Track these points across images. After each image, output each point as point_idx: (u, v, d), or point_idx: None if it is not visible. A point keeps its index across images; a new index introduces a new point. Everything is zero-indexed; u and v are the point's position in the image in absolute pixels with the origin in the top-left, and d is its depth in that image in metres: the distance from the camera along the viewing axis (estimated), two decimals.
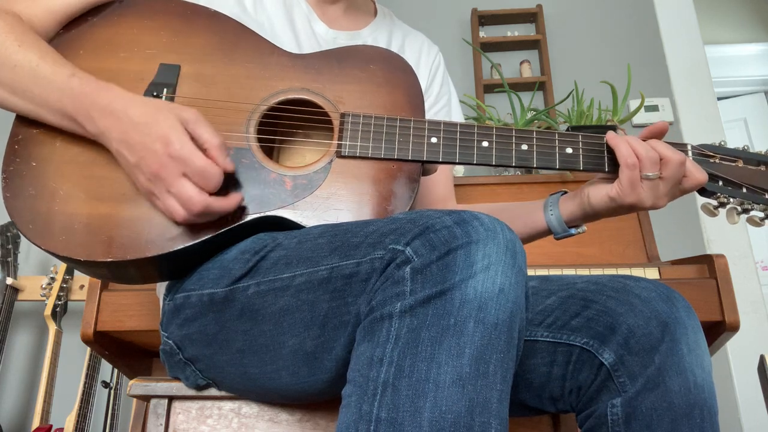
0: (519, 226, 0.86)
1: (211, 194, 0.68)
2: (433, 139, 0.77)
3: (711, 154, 0.80)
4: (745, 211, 0.79)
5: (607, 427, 0.66)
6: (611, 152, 0.78)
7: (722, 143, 0.81)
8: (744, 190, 0.78)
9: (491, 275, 0.52)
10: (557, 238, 0.85)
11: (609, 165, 0.78)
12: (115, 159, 0.74)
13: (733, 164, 0.79)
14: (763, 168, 0.79)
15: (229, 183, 0.74)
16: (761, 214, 0.79)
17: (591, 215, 0.81)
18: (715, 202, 0.80)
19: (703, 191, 0.79)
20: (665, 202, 0.76)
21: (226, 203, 0.70)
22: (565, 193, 0.85)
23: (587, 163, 0.78)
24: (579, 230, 0.84)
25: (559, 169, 0.79)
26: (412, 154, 0.77)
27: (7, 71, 0.73)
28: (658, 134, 0.79)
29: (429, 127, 0.78)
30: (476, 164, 0.78)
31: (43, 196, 0.72)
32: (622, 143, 0.75)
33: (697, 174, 0.76)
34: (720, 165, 0.79)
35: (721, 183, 0.79)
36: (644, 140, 0.77)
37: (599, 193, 0.78)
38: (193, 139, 0.68)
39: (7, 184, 0.72)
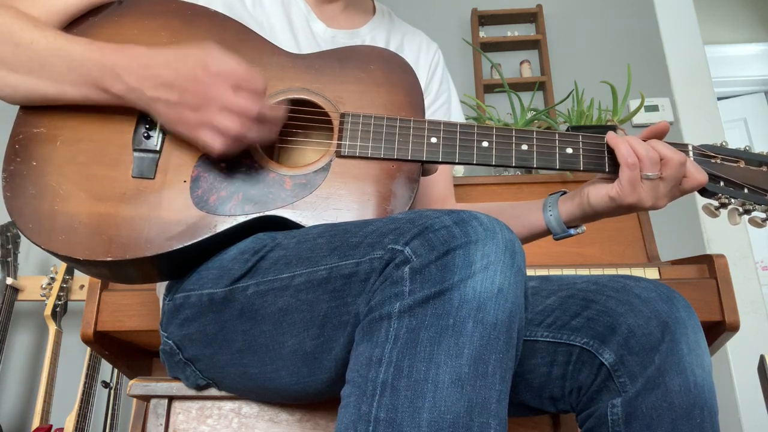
0: (517, 227, 0.86)
1: None
2: (433, 139, 0.77)
3: (712, 154, 0.80)
4: (747, 212, 0.79)
5: (608, 427, 0.66)
6: (612, 152, 0.77)
7: (723, 144, 0.81)
8: (745, 190, 0.78)
9: (490, 275, 0.52)
10: (556, 239, 0.85)
11: (609, 165, 0.78)
12: (115, 158, 0.74)
13: (735, 165, 0.79)
14: (764, 169, 0.79)
15: (229, 182, 0.74)
16: (763, 215, 0.79)
17: (590, 215, 0.81)
18: (716, 203, 0.80)
19: (704, 192, 0.79)
20: (665, 203, 0.76)
21: (277, 111, 0.72)
22: (564, 193, 0.85)
23: (587, 164, 0.78)
24: (578, 231, 0.84)
25: (559, 170, 0.79)
26: (412, 154, 0.77)
27: (23, 49, 0.72)
28: (659, 134, 0.79)
29: (429, 127, 0.78)
30: (476, 164, 0.78)
31: (44, 195, 0.72)
32: (622, 143, 0.75)
33: (698, 174, 0.76)
34: (721, 165, 0.79)
35: (722, 183, 0.79)
36: (644, 140, 0.77)
37: (599, 192, 0.78)
38: None
39: (7, 183, 0.72)
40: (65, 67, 0.72)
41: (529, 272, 1.13)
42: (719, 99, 2.46)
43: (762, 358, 1.39)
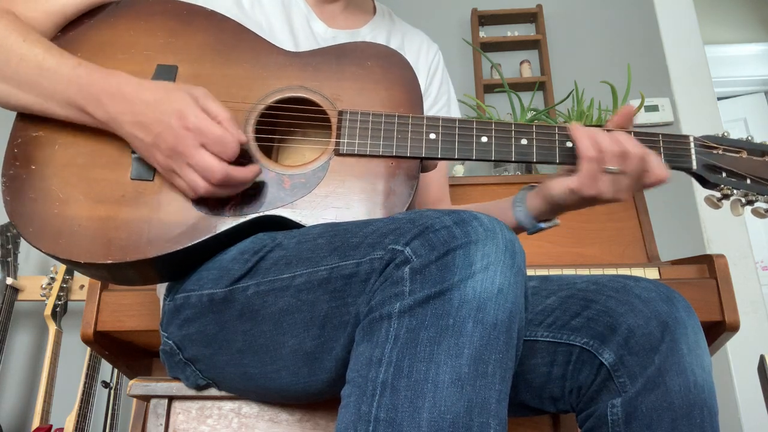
0: None
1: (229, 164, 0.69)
2: (432, 135, 0.77)
3: (714, 145, 0.79)
4: (750, 202, 0.78)
5: (608, 427, 0.66)
6: None
7: (725, 134, 0.80)
8: (748, 181, 0.77)
9: (490, 275, 0.52)
10: (529, 233, 0.85)
11: None
12: (114, 160, 0.74)
13: (737, 155, 0.78)
14: (767, 159, 0.78)
15: None
16: (766, 206, 0.77)
17: (555, 208, 0.80)
18: (718, 194, 0.79)
19: (706, 183, 0.78)
20: (626, 196, 0.75)
21: (245, 172, 0.70)
22: (534, 187, 0.84)
23: None
24: (549, 224, 0.83)
25: (559, 164, 0.78)
26: (411, 151, 0.77)
27: (13, 65, 0.73)
28: (626, 119, 0.78)
29: (427, 124, 0.78)
30: (475, 160, 0.78)
31: (43, 199, 0.72)
32: (583, 136, 0.74)
33: (659, 171, 0.74)
34: (723, 156, 0.78)
35: (724, 174, 0.78)
36: (612, 129, 0.76)
37: (560, 185, 0.77)
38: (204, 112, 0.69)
39: (7, 188, 0.72)
40: (51, 89, 0.72)
41: (529, 272, 1.13)
42: (719, 99, 2.46)
43: (762, 358, 1.38)
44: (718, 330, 1.11)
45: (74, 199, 0.72)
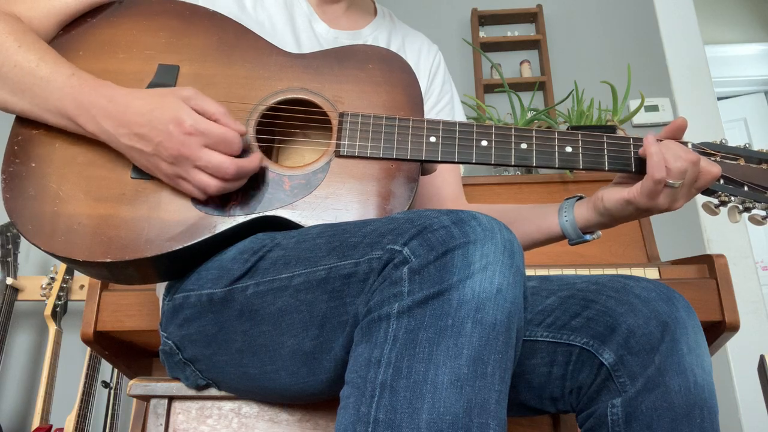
0: (532, 230, 0.85)
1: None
2: (432, 139, 0.77)
3: (712, 152, 0.79)
4: (747, 209, 0.79)
5: (607, 427, 0.66)
6: (611, 150, 0.77)
7: (723, 141, 0.81)
8: (745, 188, 0.78)
9: (489, 275, 0.52)
10: (571, 244, 0.84)
11: (609, 163, 0.78)
12: (114, 159, 0.74)
13: (735, 162, 0.79)
14: (764, 166, 0.79)
15: None
16: (763, 213, 0.78)
17: (608, 220, 0.80)
18: (716, 201, 0.80)
19: (704, 189, 0.79)
20: (681, 204, 0.76)
21: (251, 161, 0.71)
22: (581, 198, 0.84)
23: (587, 162, 0.78)
24: (594, 236, 0.83)
25: (558, 168, 0.79)
26: (411, 154, 0.77)
27: (6, 72, 0.73)
28: (679, 132, 0.78)
29: (428, 127, 0.78)
30: (475, 163, 0.78)
31: (43, 196, 0.72)
32: (655, 154, 0.73)
33: (711, 168, 0.75)
34: (721, 163, 0.79)
35: (722, 181, 0.78)
36: (662, 139, 0.76)
37: (614, 196, 0.77)
38: (199, 113, 0.69)
39: (6, 185, 0.72)
40: (44, 98, 0.72)
41: (529, 272, 1.13)
42: (719, 99, 2.46)
43: (762, 358, 1.38)
44: (718, 330, 1.12)
45: (74, 197, 0.72)
